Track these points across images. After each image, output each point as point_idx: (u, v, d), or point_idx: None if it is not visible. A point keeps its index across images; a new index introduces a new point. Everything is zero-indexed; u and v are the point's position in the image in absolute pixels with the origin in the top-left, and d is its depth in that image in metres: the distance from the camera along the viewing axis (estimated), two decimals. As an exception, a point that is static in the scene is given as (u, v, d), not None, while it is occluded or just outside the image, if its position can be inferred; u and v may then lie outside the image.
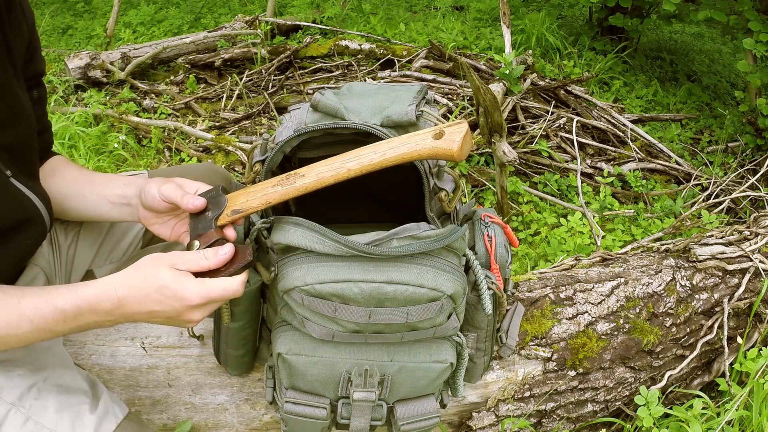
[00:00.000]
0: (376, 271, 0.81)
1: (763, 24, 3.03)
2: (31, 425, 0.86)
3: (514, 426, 1.21)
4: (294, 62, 3.42)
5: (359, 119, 0.89)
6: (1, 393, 0.88)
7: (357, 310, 0.82)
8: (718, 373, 1.46)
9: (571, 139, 2.77)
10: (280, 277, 0.85)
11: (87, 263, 1.14)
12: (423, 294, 0.82)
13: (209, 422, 1.14)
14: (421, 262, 0.83)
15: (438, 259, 0.84)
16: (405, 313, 0.82)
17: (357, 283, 0.80)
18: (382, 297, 0.81)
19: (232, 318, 0.95)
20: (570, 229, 2.36)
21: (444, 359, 0.92)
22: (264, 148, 0.94)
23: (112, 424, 0.91)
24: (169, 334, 1.16)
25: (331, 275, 0.81)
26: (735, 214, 2.58)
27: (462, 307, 0.92)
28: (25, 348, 0.93)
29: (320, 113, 0.91)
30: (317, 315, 0.84)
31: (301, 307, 0.84)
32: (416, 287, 0.81)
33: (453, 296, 0.84)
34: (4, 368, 0.90)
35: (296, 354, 0.89)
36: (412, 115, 0.88)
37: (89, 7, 4.94)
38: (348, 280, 0.80)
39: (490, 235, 1.01)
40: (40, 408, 0.88)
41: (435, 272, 0.83)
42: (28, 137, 0.95)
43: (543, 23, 3.88)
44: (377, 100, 0.92)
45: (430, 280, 0.82)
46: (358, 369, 0.89)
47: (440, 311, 0.84)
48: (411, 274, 0.81)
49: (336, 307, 0.82)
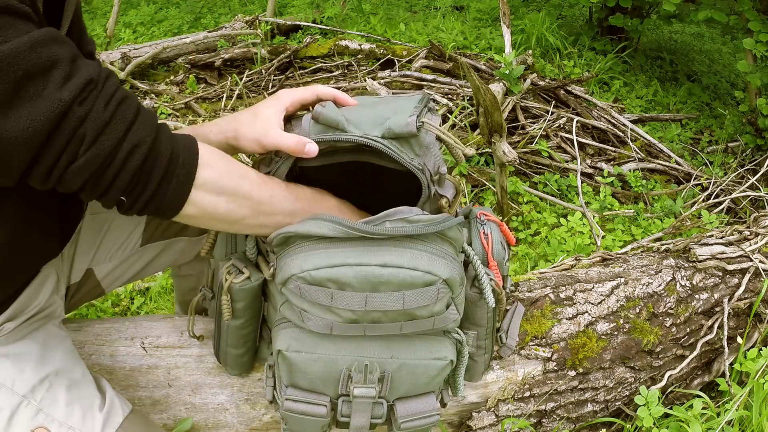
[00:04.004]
0: (370, 254, 0.82)
1: (763, 24, 3.03)
2: (42, 417, 0.88)
3: (514, 426, 1.21)
4: (294, 62, 3.42)
5: (360, 131, 0.90)
6: (13, 385, 0.88)
7: (353, 296, 0.82)
8: (718, 373, 1.46)
9: (571, 139, 2.77)
10: (279, 269, 0.86)
11: (87, 261, 1.14)
12: (418, 277, 0.82)
13: (209, 422, 1.14)
14: (416, 247, 0.84)
15: (432, 245, 0.85)
16: (401, 297, 0.83)
17: (352, 267, 0.81)
18: (377, 280, 0.82)
19: (233, 315, 0.95)
20: (570, 229, 2.36)
21: (444, 356, 0.92)
22: (268, 160, 0.95)
23: (119, 417, 0.93)
24: (169, 334, 1.16)
25: (327, 260, 0.82)
26: (735, 214, 2.58)
27: (461, 298, 0.92)
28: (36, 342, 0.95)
29: (322, 125, 0.92)
30: (315, 305, 0.84)
31: (299, 299, 0.85)
32: (410, 270, 0.82)
33: (449, 281, 0.84)
34: (16, 361, 0.91)
35: (296, 351, 0.89)
36: (413, 126, 0.88)
37: (89, 7, 4.94)
38: (343, 264, 0.81)
39: (486, 233, 1.02)
40: (51, 401, 0.89)
41: (429, 256, 0.84)
42: None
43: (543, 23, 3.88)
44: (378, 110, 0.93)
45: (425, 264, 0.83)
46: (358, 365, 0.89)
47: (437, 297, 0.85)
48: (405, 257, 0.82)
49: (332, 294, 0.82)
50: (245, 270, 0.94)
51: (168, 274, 2.00)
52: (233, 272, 0.94)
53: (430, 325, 0.88)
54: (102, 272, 1.19)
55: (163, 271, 2.02)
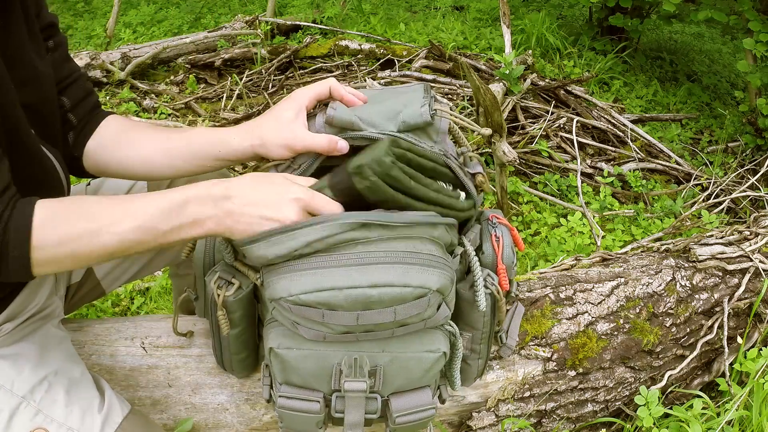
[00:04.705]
0: (358, 273, 0.80)
1: (763, 24, 3.03)
2: (41, 418, 0.88)
3: (514, 426, 1.21)
4: (294, 62, 3.42)
5: (376, 129, 0.90)
6: (12, 386, 0.89)
7: (344, 315, 0.81)
8: (718, 373, 1.46)
9: (571, 139, 2.77)
10: (266, 285, 0.85)
11: (87, 262, 1.14)
12: (409, 293, 0.81)
13: (209, 422, 1.14)
14: (405, 260, 0.82)
15: (421, 254, 0.83)
16: (393, 312, 0.82)
17: (342, 290, 0.80)
18: (368, 301, 0.80)
19: (231, 326, 0.95)
20: (570, 229, 2.36)
21: (437, 348, 0.91)
22: (285, 166, 0.95)
23: (118, 417, 0.92)
24: (169, 334, 1.16)
25: (315, 284, 0.80)
26: (735, 214, 2.58)
27: (451, 296, 0.92)
28: (34, 343, 0.95)
29: (335, 128, 0.92)
30: (306, 320, 0.84)
31: (290, 314, 0.84)
32: (401, 287, 0.81)
33: (440, 290, 0.83)
34: (15, 362, 0.91)
35: (287, 348, 0.88)
36: (427, 116, 0.89)
37: (89, 7, 4.94)
38: (333, 287, 0.80)
39: (497, 236, 1.01)
40: (50, 401, 0.89)
41: (420, 269, 0.82)
42: (50, 101, 0.95)
43: (543, 23, 3.88)
44: (388, 105, 0.93)
45: (415, 278, 0.81)
46: (348, 359, 0.89)
47: (428, 305, 0.84)
48: (393, 273, 0.81)
49: (324, 314, 0.82)
50: (234, 280, 0.92)
51: (167, 275, 2.00)
52: (223, 285, 0.92)
53: (422, 326, 0.88)
54: (102, 272, 1.19)
55: (163, 271, 2.02)
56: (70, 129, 1.03)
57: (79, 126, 1.03)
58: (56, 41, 1.00)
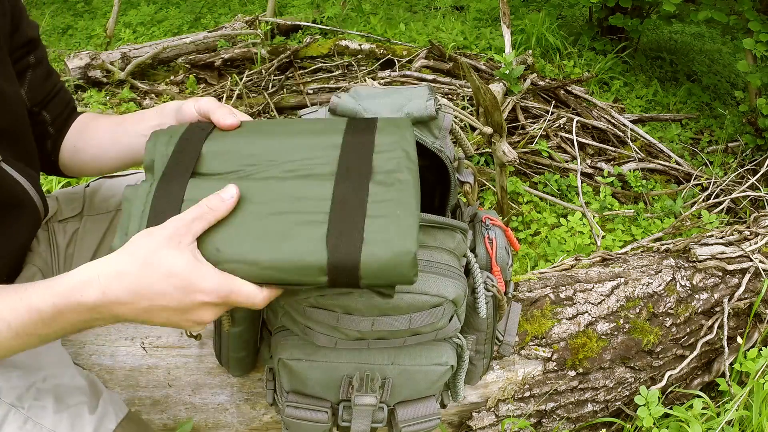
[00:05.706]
0: None
1: (763, 24, 3.03)
2: (30, 426, 0.85)
3: (514, 426, 1.21)
4: (294, 62, 3.42)
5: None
6: (0, 394, 0.87)
7: (360, 320, 0.82)
8: (718, 373, 1.46)
9: (571, 139, 2.77)
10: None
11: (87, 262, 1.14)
12: (426, 301, 0.82)
13: (209, 422, 1.14)
14: (423, 269, 0.83)
15: (438, 264, 0.84)
16: (408, 319, 0.83)
17: (360, 296, 0.80)
18: (386, 306, 0.81)
19: (233, 324, 0.95)
20: (570, 229, 2.36)
21: (445, 362, 0.92)
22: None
23: (112, 423, 0.90)
24: (169, 334, 1.16)
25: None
26: (735, 214, 2.58)
27: (463, 308, 0.93)
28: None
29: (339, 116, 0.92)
30: (320, 324, 0.84)
31: (303, 317, 0.84)
32: (419, 294, 0.82)
33: (455, 300, 0.85)
34: (2, 369, 0.89)
35: (297, 359, 0.88)
36: (432, 109, 0.89)
37: (89, 7, 4.94)
38: (350, 292, 0.80)
39: (491, 238, 1.02)
40: (39, 408, 0.87)
41: (436, 278, 0.83)
42: (19, 119, 0.94)
43: (543, 23, 3.88)
44: (392, 99, 0.93)
45: (432, 287, 0.83)
46: (359, 374, 0.89)
47: (442, 315, 0.85)
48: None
49: (339, 317, 0.82)
50: None
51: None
52: None
53: (433, 337, 0.89)
54: None
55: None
56: (47, 138, 1.04)
57: (56, 134, 1.05)
58: (37, 56, 0.99)
